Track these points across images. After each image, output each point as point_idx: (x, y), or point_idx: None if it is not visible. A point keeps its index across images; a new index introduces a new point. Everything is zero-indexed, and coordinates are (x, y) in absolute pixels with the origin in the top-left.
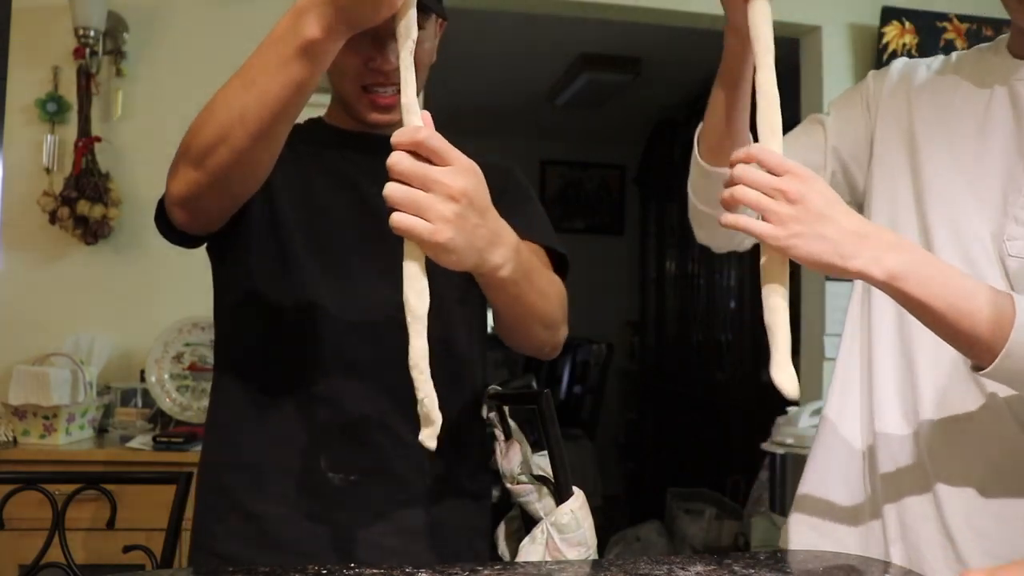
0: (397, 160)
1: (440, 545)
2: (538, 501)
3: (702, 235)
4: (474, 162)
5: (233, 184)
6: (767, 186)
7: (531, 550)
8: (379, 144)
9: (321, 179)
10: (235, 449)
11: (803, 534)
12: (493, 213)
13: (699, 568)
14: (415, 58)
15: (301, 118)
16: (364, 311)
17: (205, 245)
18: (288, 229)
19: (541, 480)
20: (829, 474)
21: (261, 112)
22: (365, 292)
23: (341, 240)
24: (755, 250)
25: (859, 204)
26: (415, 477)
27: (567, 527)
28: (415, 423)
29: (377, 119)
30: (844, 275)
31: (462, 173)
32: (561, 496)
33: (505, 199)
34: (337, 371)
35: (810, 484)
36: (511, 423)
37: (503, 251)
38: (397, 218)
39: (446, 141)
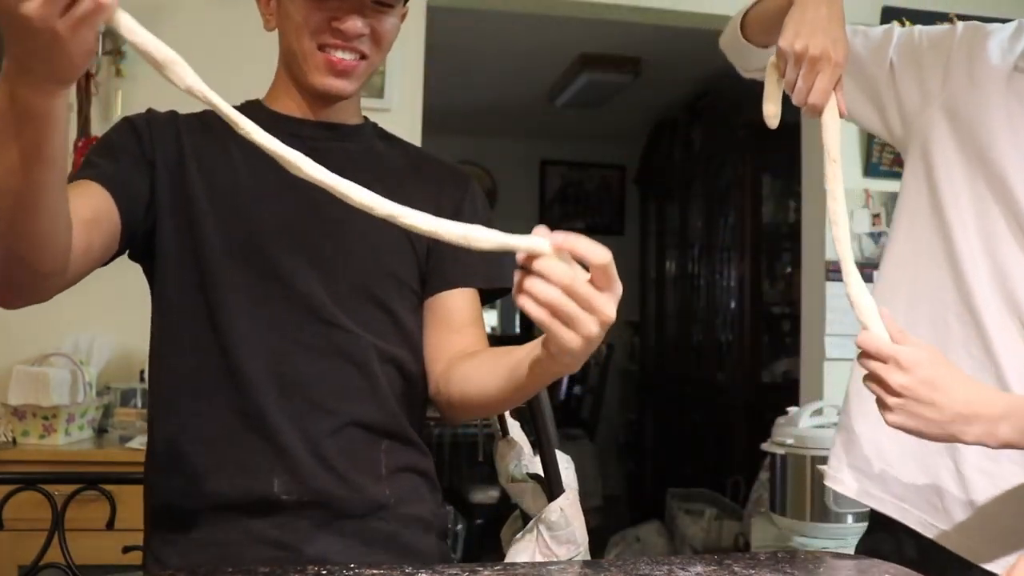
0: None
1: (403, 549)
2: (531, 500)
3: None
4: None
5: (32, 261)
6: (880, 378)
7: (521, 548)
8: (321, 131)
9: (249, 171)
10: (183, 478)
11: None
12: None
13: (699, 569)
14: (376, 33)
15: (237, 99)
16: (299, 319)
17: (128, 253)
18: (208, 234)
19: (536, 479)
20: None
21: (14, 186)
22: (299, 297)
23: (272, 240)
24: (755, 256)
25: (889, 135)
26: (371, 485)
27: (556, 524)
28: (365, 429)
29: (329, 84)
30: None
31: (615, 299)
32: (552, 494)
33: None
34: (276, 386)
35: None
36: (512, 422)
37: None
38: (574, 332)
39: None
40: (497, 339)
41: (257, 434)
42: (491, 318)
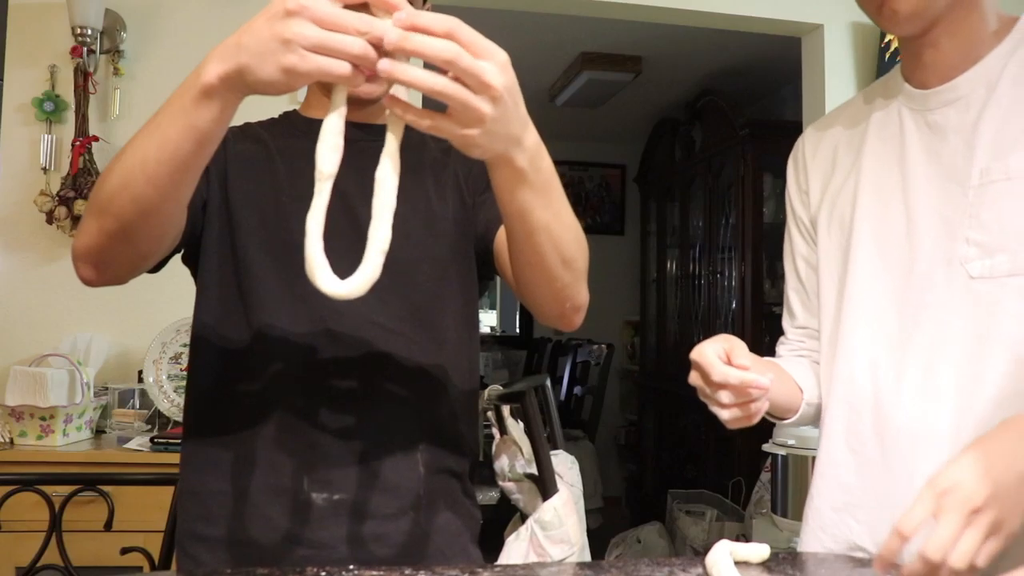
0: (443, 48)
1: (434, 554)
2: (526, 499)
3: None
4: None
5: (137, 237)
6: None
7: (515, 547)
8: (357, 131)
9: (288, 174)
10: (215, 476)
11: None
12: (522, 99)
13: (700, 570)
14: None
15: (276, 112)
16: (335, 318)
17: (181, 256)
18: (248, 235)
19: (532, 479)
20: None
21: (160, 157)
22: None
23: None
24: (755, 256)
25: None
26: (407, 486)
27: (550, 524)
28: (403, 427)
29: (359, 88)
30: None
31: (504, 68)
32: (546, 493)
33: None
34: (310, 383)
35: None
36: (512, 422)
37: (532, 134)
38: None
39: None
40: (497, 339)
41: (288, 431)
42: (491, 318)
